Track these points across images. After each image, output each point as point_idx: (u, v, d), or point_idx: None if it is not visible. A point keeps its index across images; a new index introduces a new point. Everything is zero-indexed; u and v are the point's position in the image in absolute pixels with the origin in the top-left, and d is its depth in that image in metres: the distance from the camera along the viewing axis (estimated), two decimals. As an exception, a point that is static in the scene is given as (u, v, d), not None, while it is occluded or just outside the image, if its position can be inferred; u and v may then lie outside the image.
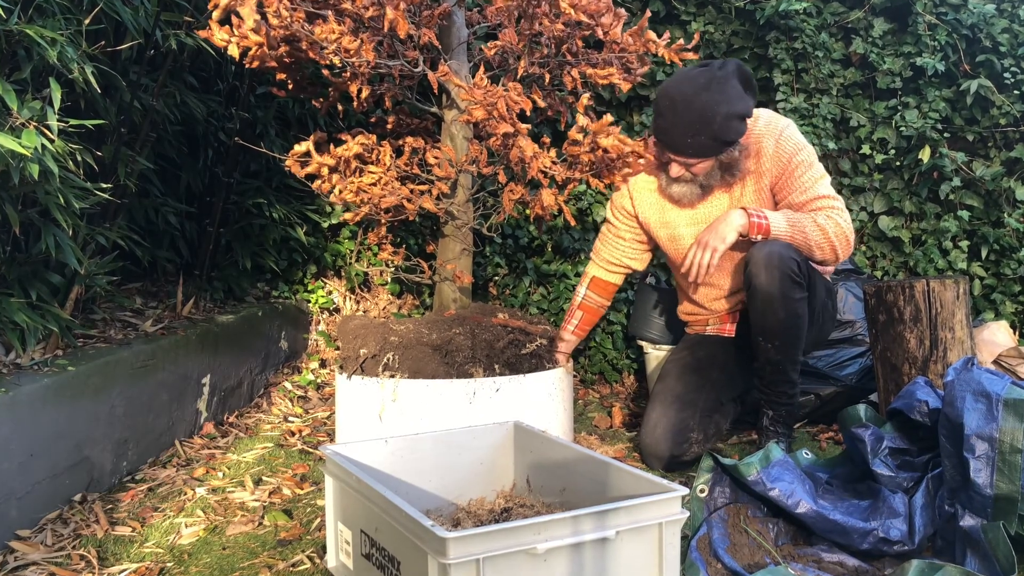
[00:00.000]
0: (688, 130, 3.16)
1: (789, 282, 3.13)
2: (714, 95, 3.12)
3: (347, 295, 5.05)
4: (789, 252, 3.15)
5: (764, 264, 3.14)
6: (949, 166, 4.61)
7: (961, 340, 3.15)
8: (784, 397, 3.33)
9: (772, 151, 3.29)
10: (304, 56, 3.14)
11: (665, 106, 3.21)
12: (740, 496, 2.63)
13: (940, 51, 4.70)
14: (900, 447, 2.65)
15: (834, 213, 3.23)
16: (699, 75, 3.17)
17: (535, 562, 1.85)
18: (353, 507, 2.26)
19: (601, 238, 3.75)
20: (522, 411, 3.04)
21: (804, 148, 3.30)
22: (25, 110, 2.67)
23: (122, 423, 3.17)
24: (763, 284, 3.15)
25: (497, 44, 3.27)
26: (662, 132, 3.24)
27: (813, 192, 3.25)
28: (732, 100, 3.14)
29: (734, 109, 3.13)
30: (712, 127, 3.13)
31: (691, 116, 3.14)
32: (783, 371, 3.28)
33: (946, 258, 4.68)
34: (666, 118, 3.20)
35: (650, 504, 2.01)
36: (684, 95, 3.15)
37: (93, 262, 3.30)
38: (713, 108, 3.12)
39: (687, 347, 3.65)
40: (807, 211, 3.24)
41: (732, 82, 3.16)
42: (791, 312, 3.17)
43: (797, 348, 3.26)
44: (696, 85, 3.15)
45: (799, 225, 3.20)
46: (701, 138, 3.16)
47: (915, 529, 2.43)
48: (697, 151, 3.21)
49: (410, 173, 3.38)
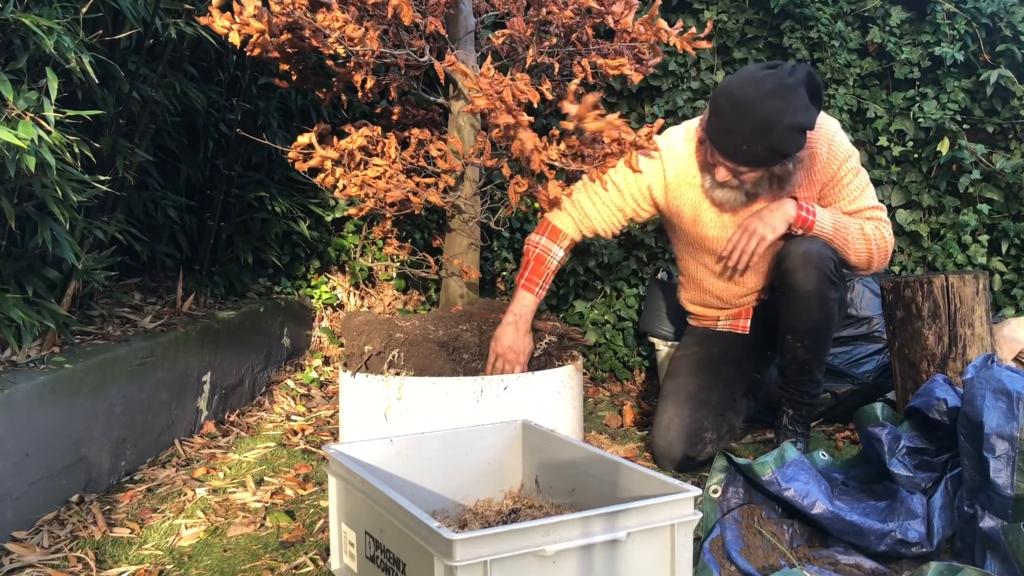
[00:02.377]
0: (746, 137, 2.98)
1: (827, 282, 3.13)
2: (779, 103, 2.93)
3: (351, 291, 5.04)
4: (827, 251, 3.14)
5: (803, 262, 3.12)
6: (968, 158, 4.60)
7: (981, 337, 3.14)
8: (807, 397, 3.34)
9: (825, 157, 3.19)
10: (307, 45, 3.14)
11: (725, 106, 3.01)
12: (754, 497, 2.62)
13: (959, 40, 4.68)
14: (918, 447, 2.64)
15: (881, 226, 3.24)
16: (766, 78, 2.97)
17: (544, 564, 1.84)
18: (357, 508, 2.25)
19: (592, 197, 3.35)
20: (530, 410, 3.04)
21: (853, 154, 3.23)
22: (21, 101, 2.66)
23: (120, 422, 3.17)
24: (800, 282, 3.13)
25: (505, 33, 3.27)
26: (716, 133, 3.06)
27: (862, 202, 3.23)
28: (798, 110, 2.95)
29: (798, 120, 2.95)
30: (772, 137, 2.96)
31: (751, 122, 2.95)
32: (809, 371, 3.28)
33: (965, 253, 4.66)
34: (723, 119, 3.02)
35: (662, 505, 2.00)
36: (748, 98, 2.95)
37: (91, 257, 3.30)
38: (776, 117, 2.93)
39: (697, 342, 3.60)
40: (853, 217, 3.24)
41: (800, 91, 2.96)
42: (825, 312, 3.16)
43: (826, 348, 3.27)
44: (762, 89, 2.95)
45: (844, 230, 3.18)
46: (758, 147, 2.99)
47: (934, 531, 2.42)
48: (751, 160, 3.05)
49: (416, 166, 3.38)
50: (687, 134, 3.30)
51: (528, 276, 3.34)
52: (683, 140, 3.30)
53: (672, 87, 4.92)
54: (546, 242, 3.37)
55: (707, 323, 3.64)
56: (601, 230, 3.38)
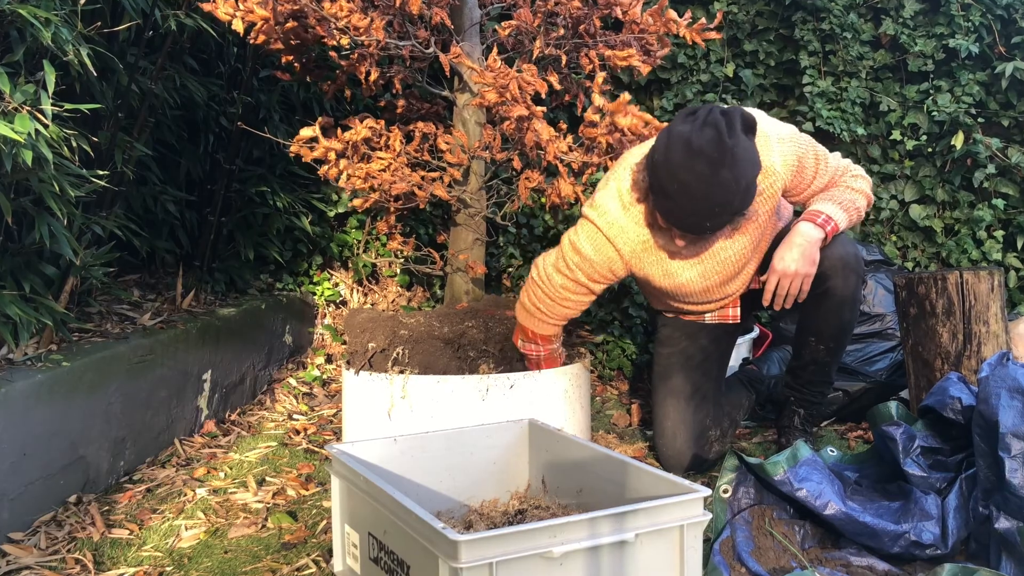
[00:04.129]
0: (709, 215, 2.76)
1: (861, 284, 3.20)
2: (731, 171, 2.67)
3: (354, 287, 5.04)
4: (857, 251, 3.17)
5: (842, 268, 3.11)
6: (983, 152, 4.59)
7: (996, 334, 3.13)
8: (820, 397, 3.39)
9: (780, 166, 3.02)
10: (311, 35, 3.14)
11: (674, 190, 2.73)
12: (765, 497, 2.61)
13: (974, 32, 4.67)
14: (932, 446, 2.63)
15: (854, 170, 3.19)
16: (710, 147, 2.66)
17: (551, 566, 1.84)
18: (361, 509, 2.25)
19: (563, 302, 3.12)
20: (537, 408, 3.03)
21: (801, 141, 3.07)
22: (18, 94, 2.66)
23: (119, 421, 3.17)
24: (839, 288, 3.13)
25: (511, 24, 3.26)
26: (674, 217, 2.82)
27: (831, 170, 3.13)
28: (750, 165, 2.73)
29: (751, 175, 2.74)
30: (734, 205, 2.75)
31: (711, 201, 2.71)
32: (827, 372, 3.32)
33: (980, 248, 4.65)
34: (678, 203, 2.75)
35: (671, 506, 2.00)
36: (699, 177, 2.68)
37: (89, 253, 3.30)
38: (734, 187, 2.70)
39: (686, 335, 3.43)
40: (835, 186, 3.16)
41: (743, 141, 2.71)
42: (855, 313, 3.22)
43: (845, 349, 3.33)
44: (711, 163, 2.67)
45: (850, 206, 3.11)
46: (723, 218, 2.79)
47: (948, 532, 2.42)
48: (715, 228, 2.85)
49: (421, 159, 3.38)
50: (620, 201, 3.00)
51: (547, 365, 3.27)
52: (620, 209, 3.01)
53: (681, 80, 4.92)
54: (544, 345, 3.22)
55: (693, 317, 3.44)
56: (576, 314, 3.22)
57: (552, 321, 3.16)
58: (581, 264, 3.03)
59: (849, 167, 3.18)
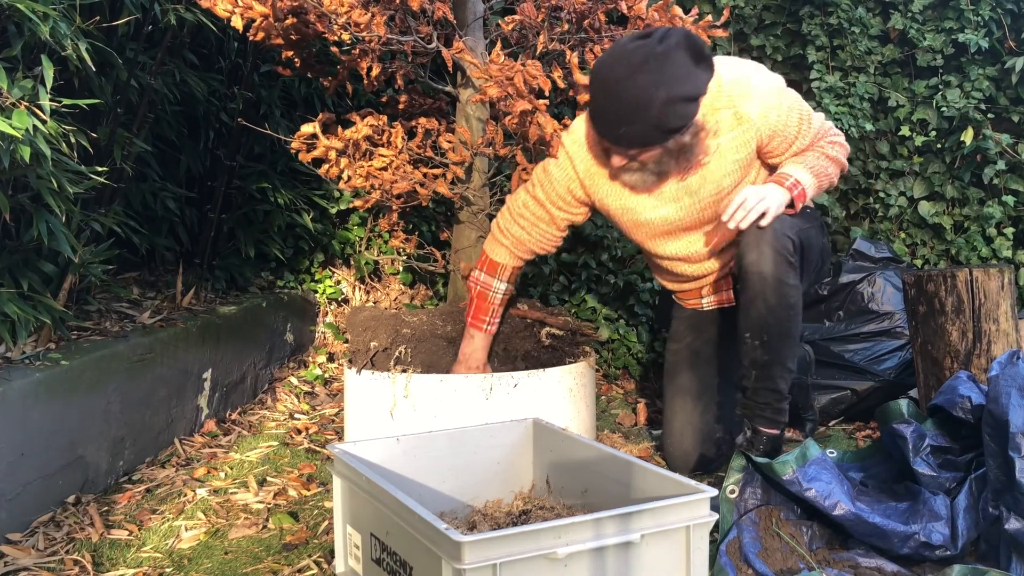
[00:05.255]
0: (621, 119, 2.78)
1: (784, 264, 2.86)
2: (651, 76, 2.70)
3: (356, 285, 5.04)
4: (785, 228, 2.88)
5: (757, 242, 2.87)
6: (993, 148, 4.58)
7: (1006, 332, 3.12)
8: (769, 411, 2.98)
9: (757, 116, 2.94)
10: (311, 31, 3.14)
11: (596, 88, 2.83)
12: (772, 497, 2.61)
13: (984, 27, 4.66)
14: (942, 445, 2.63)
15: (832, 137, 3.09)
16: (634, 51, 2.74)
17: (555, 567, 1.84)
18: (363, 509, 2.25)
19: (518, 220, 3.21)
20: (542, 408, 3.03)
21: (784, 95, 3.00)
22: (16, 89, 2.66)
23: (118, 420, 3.17)
24: (755, 264, 2.87)
25: (515, 19, 3.26)
26: (594, 118, 2.89)
27: (813, 132, 3.02)
28: (675, 80, 2.72)
29: (677, 91, 2.73)
30: (649, 115, 2.73)
31: (623, 103, 2.74)
32: (770, 375, 2.95)
33: (990, 246, 4.64)
34: (597, 102, 2.84)
35: (677, 506, 2.00)
36: (616, 77, 2.75)
37: (88, 250, 3.30)
38: (650, 92, 2.70)
39: (689, 328, 3.40)
40: (811, 149, 3.05)
41: (675, 57, 2.72)
42: (783, 300, 2.88)
43: (788, 348, 2.95)
44: (630, 65, 2.72)
45: (822, 172, 3.00)
46: (637, 128, 2.77)
47: (958, 533, 2.41)
48: (634, 142, 2.83)
49: (423, 156, 3.37)
50: (587, 121, 3.05)
51: (474, 314, 3.24)
52: (584, 127, 3.07)
53: (687, 75, 4.91)
54: (485, 277, 3.25)
55: (693, 303, 3.40)
56: (540, 249, 3.26)
57: (505, 243, 3.22)
58: (543, 180, 3.15)
59: (828, 131, 3.09)
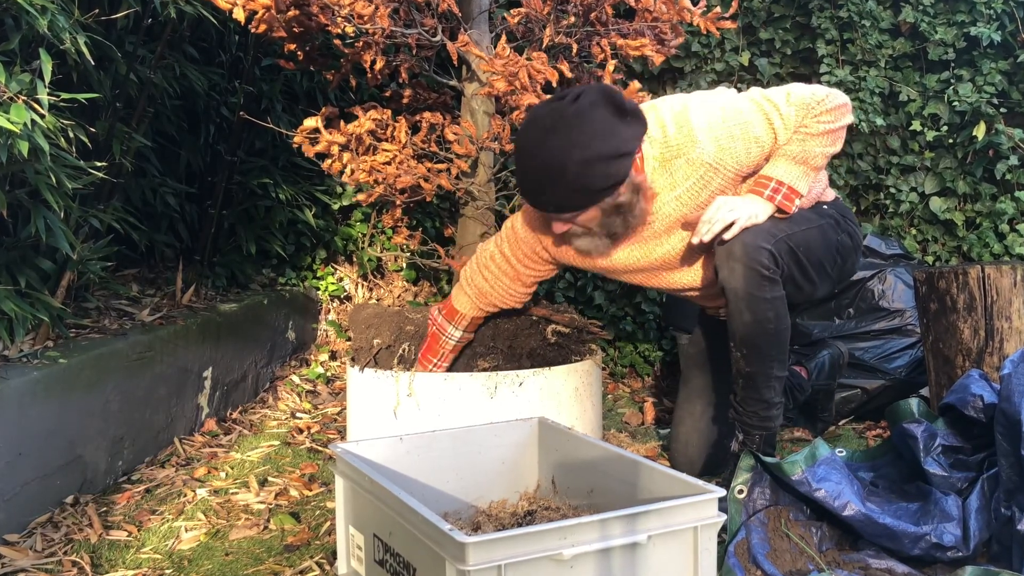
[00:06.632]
0: (540, 184, 2.70)
1: (757, 278, 2.74)
2: (561, 139, 2.63)
3: (359, 282, 5.04)
4: (758, 240, 2.75)
5: (726, 258, 2.77)
6: (1006, 143, 4.57)
7: (1019, 330, 3.12)
8: (756, 419, 2.91)
9: (712, 153, 2.78)
10: (314, 23, 3.13)
11: (515, 155, 2.77)
12: (781, 498, 2.60)
13: (996, 20, 4.65)
14: (953, 445, 2.63)
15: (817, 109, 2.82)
16: (546, 115, 2.68)
17: (561, 568, 1.83)
18: (365, 510, 2.25)
19: (484, 273, 3.13)
20: (547, 407, 3.03)
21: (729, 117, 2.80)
22: (13, 83, 2.66)
23: (117, 419, 3.17)
24: (726, 280, 2.78)
25: (521, 12, 3.25)
26: (518, 186, 2.82)
27: (790, 124, 2.80)
28: (590, 140, 2.62)
29: (596, 151, 2.62)
30: (565, 178, 2.64)
31: (539, 169, 2.67)
32: (754, 386, 2.88)
33: (1002, 242, 4.63)
34: (517, 170, 2.77)
35: (685, 507, 1.99)
36: (530, 142, 2.69)
37: (86, 247, 3.30)
38: (564, 155, 2.62)
39: (706, 331, 3.37)
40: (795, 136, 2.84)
41: (592, 115, 2.64)
42: (758, 315, 2.77)
43: (769, 361, 2.85)
44: (539, 130, 2.67)
45: (810, 154, 2.82)
46: (560, 191, 2.68)
47: (970, 534, 2.41)
48: (561, 206, 2.74)
49: (427, 151, 3.37)
50: None
51: (423, 352, 3.20)
52: None
53: (695, 69, 4.90)
54: (443, 321, 3.18)
55: (711, 311, 3.31)
56: (503, 303, 3.17)
57: (468, 292, 3.15)
58: (510, 236, 3.08)
59: (813, 106, 2.81)
